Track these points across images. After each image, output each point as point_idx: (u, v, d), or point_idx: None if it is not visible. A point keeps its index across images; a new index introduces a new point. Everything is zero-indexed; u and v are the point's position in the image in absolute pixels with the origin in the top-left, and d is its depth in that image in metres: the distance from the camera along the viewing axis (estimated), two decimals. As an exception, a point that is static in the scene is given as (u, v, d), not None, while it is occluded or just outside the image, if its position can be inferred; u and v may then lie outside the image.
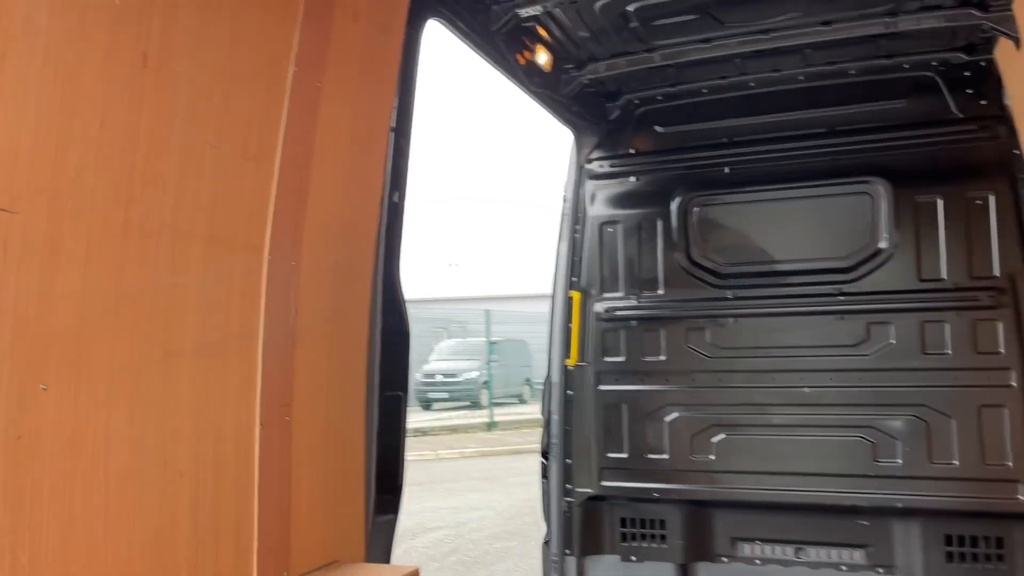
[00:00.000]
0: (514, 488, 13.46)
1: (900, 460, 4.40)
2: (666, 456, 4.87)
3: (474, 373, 28.23)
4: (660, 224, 5.02)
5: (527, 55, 4.21)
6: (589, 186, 5.16)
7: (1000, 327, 4.27)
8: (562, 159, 5.36)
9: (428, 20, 3.37)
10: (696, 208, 4.96)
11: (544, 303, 5.34)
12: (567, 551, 4.99)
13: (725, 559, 4.79)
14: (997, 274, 4.29)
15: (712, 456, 4.77)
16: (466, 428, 23.55)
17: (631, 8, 4.01)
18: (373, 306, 3.11)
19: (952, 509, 4.28)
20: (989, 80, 4.31)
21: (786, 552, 4.66)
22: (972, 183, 4.38)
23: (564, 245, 5.15)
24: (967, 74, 4.43)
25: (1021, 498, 4.12)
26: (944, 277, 4.41)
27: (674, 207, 4.99)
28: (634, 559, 4.94)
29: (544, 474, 5.09)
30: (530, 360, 28.34)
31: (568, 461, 5.03)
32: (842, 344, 4.58)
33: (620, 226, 5.11)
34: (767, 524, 4.71)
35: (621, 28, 4.24)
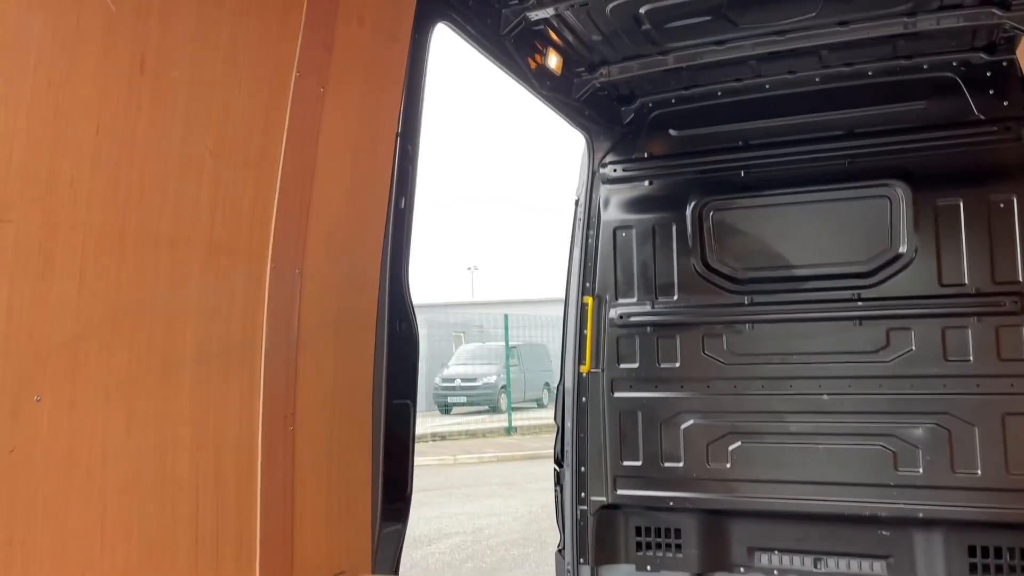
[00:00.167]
0: (532, 494, 13.41)
1: (921, 469, 4.31)
2: (681, 464, 4.80)
3: (493, 377, 28.24)
4: (675, 229, 4.95)
5: (538, 59, 4.16)
6: (603, 191, 5.10)
7: None
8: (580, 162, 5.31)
9: (436, 24, 3.33)
10: (711, 212, 4.89)
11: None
12: (581, 560, 4.93)
13: (742, 569, 4.71)
14: (1021, 279, 4.20)
15: (728, 464, 4.70)
16: (485, 433, 23.51)
17: (643, 10, 3.95)
18: (380, 313, 3.07)
19: (975, 519, 4.19)
20: (1011, 80, 4.23)
21: (805, 563, 4.58)
22: (994, 186, 4.30)
23: (577, 250, 5.09)
24: (988, 74, 4.34)
25: None
26: (966, 282, 4.33)
27: (689, 211, 4.92)
28: (649, 568, 4.87)
29: (557, 482, 5.04)
30: (549, 364, 28.26)
31: (582, 469, 4.97)
32: (861, 351, 4.50)
33: (634, 231, 5.04)
34: (785, 534, 4.63)
35: (633, 31, 4.18)
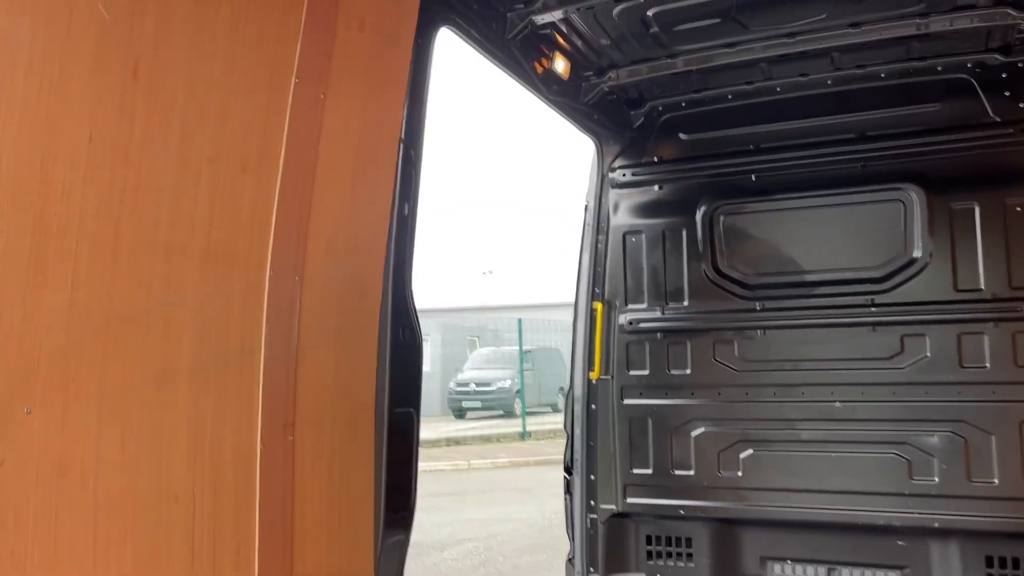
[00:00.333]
0: (546, 499, 13.32)
1: (937, 478, 4.24)
2: (692, 472, 4.74)
3: (507, 382, 28.17)
4: (685, 234, 4.90)
5: (544, 63, 4.12)
6: (612, 195, 5.06)
7: None
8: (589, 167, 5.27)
9: (439, 29, 3.29)
10: (722, 217, 4.84)
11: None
12: (591, 569, 4.88)
13: None
14: None
15: (740, 472, 4.64)
16: (499, 438, 23.46)
17: (651, 13, 3.90)
18: (383, 320, 3.03)
19: (992, 530, 4.12)
20: (1028, 82, 4.15)
21: (818, 573, 4.50)
22: (1011, 189, 4.22)
23: (587, 256, 5.05)
24: (1004, 76, 4.27)
25: None
26: (982, 287, 4.25)
27: (699, 216, 4.86)
28: None
29: (567, 490, 4.99)
30: (564, 369, 28.06)
31: (592, 477, 4.92)
32: (875, 357, 4.43)
33: (644, 236, 4.99)
34: (798, 543, 4.56)
35: (641, 34, 4.14)
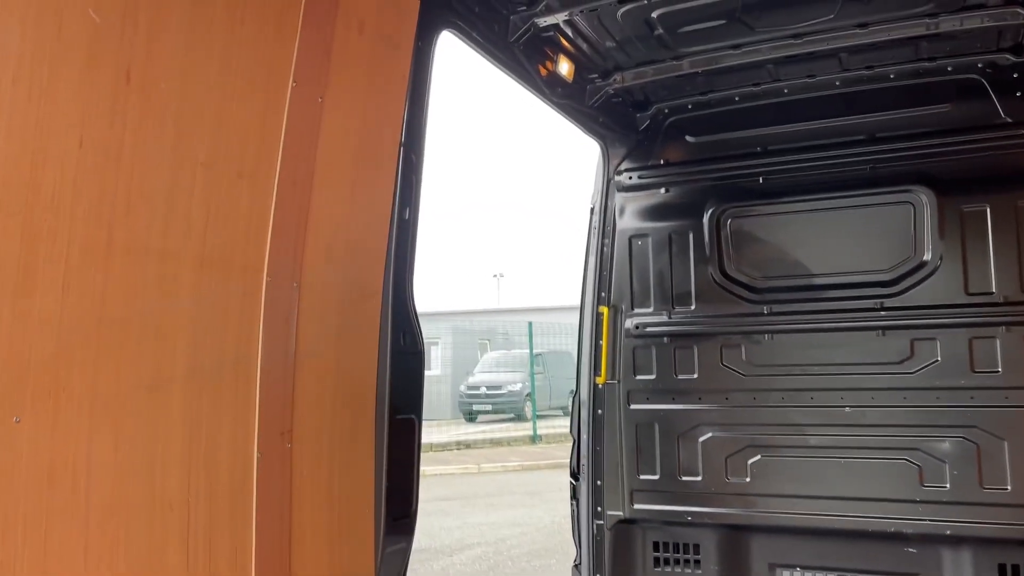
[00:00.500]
0: (556, 503, 13.27)
1: (948, 484, 4.18)
2: (700, 478, 4.70)
3: (518, 385, 28.14)
4: (692, 237, 4.85)
5: (549, 65, 4.08)
6: (618, 198, 5.01)
7: None
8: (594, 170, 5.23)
9: (441, 32, 3.27)
10: (729, 220, 4.79)
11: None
12: (598, 575, 4.83)
13: None
14: None
15: (748, 478, 4.58)
16: (509, 441, 23.43)
17: (655, 15, 3.87)
18: (384, 325, 3.00)
19: (1005, 537, 4.05)
20: (1040, 82, 4.10)
21: (828, 580, 4.45)
22: (1022, 191, 4.16)
23: (592, 259, 5.01)
24: (1015, 76, 4.21)
25: None
26: (993, 290, 4.20)
27: (706, 219, 4.82)
28: None
29: (574, 495, 4.95)
30: (575, 372, 28.07)
31: (598, 483, 4.88)
32: (884, 361, 4.37)
33: (650, 239, 4.95)
34: (807, 550, 4.50)
35: (646, 36, 4.10)
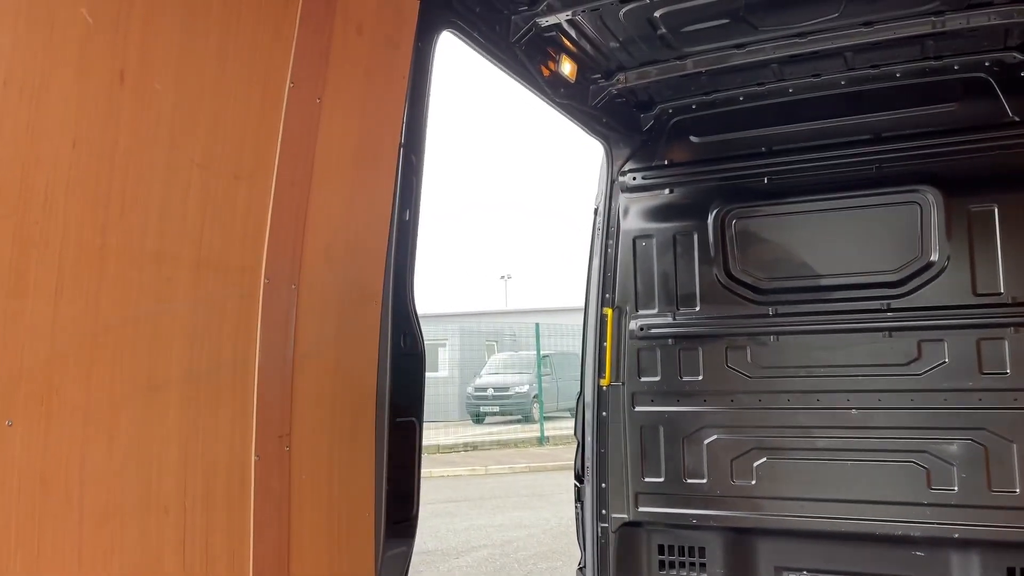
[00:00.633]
0: (563, 505, 13.23)
1: (956, 487, 4.13)
2: (705, 481, 4.66)
3: (526, 387, 28.10)
4: (696, 238, 4.82)
5: (551, 66, 4.06)
6: (622, 199, 4.99)
7: None
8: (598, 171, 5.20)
9: (441, 32, 3.25)
10: (734, 221, 4.76)
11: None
12: (603, 579, 4.80)
13: None
14: None
15: (753, 481, 4.55)
16: (516, 443, 23.38)
17: (658, 14, 3.84)
18: (384, 327, 2.98)
19: (1014, 540, 4.00)
20: (1047, 81, 4.05)
21: (835, 583, 4.41)
22: None
23: (596, 261, 4.98)
24: (1023, 75, 4.16)
25: None
26: (1001, 291, 4.15)
27: (711, 220, 4.79)
28: None
29: (578, 498, 4.92)
30: (582, 374, 27.99)
31: (603, 485, 4.85)
32: (891, 363, 4.33)
33: (655, 240, 4.92)
34: (814, 553, 4.46)
35: (649, 35, 4.07)
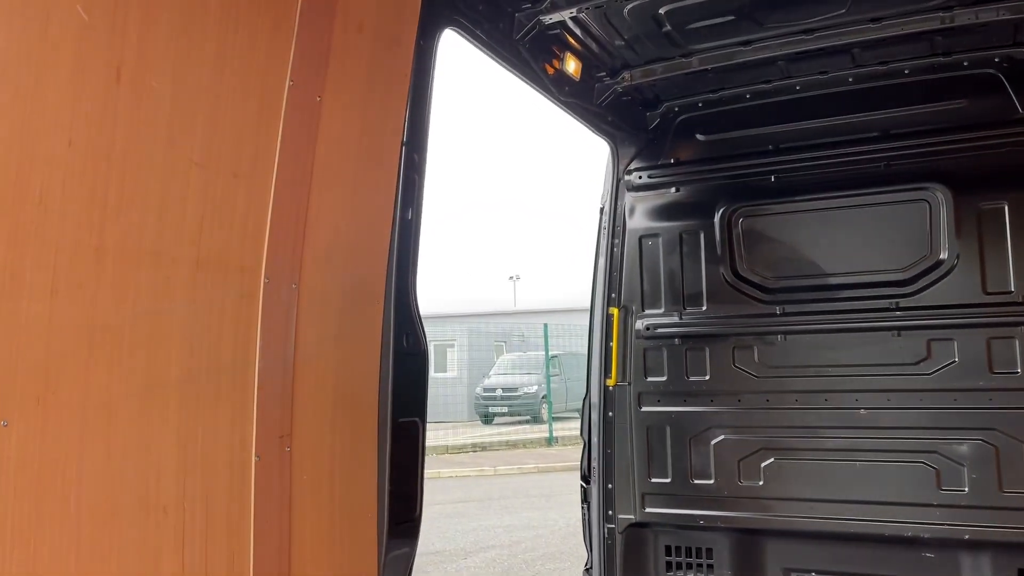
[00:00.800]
0: (571, 506, 13.10)
1: (967, 488, 4.09)
2: (712, 481, 4.62)
3: (534, 387, 28.07)
4: (703, 236, 4.78)
5: (555, 64, 4.03)
6: (628, 198, 4.96)
7: None
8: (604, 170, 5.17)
9: (443, 30, 3.23)
10: (741, 219, 4.72)
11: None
12: (609, 580, 4.77)
13: None
14: None
15: (761, 481, 4.51)
16: (525, 443, 23.35)
17: (663, 11, 3.82)
18: (386, 327, 2.96)
19: None
20: (1058, 76, 4.01)
21: (844, 585, 4.37)
22: None
23: (602, 260, 4.95)
24: None
25: None
26: (1012, 289, 4.11)
27: (718, 218, 4.75)
28: None
29: (584, 499, 4.90)
30: (591, 374, 27.92)
31: (609, 486, 4.82)
32: (900, 362, 4.29)
33: (661, 239, 4.88)
34: (822, 554, 4.42)
35: (654, 33, 4.04)
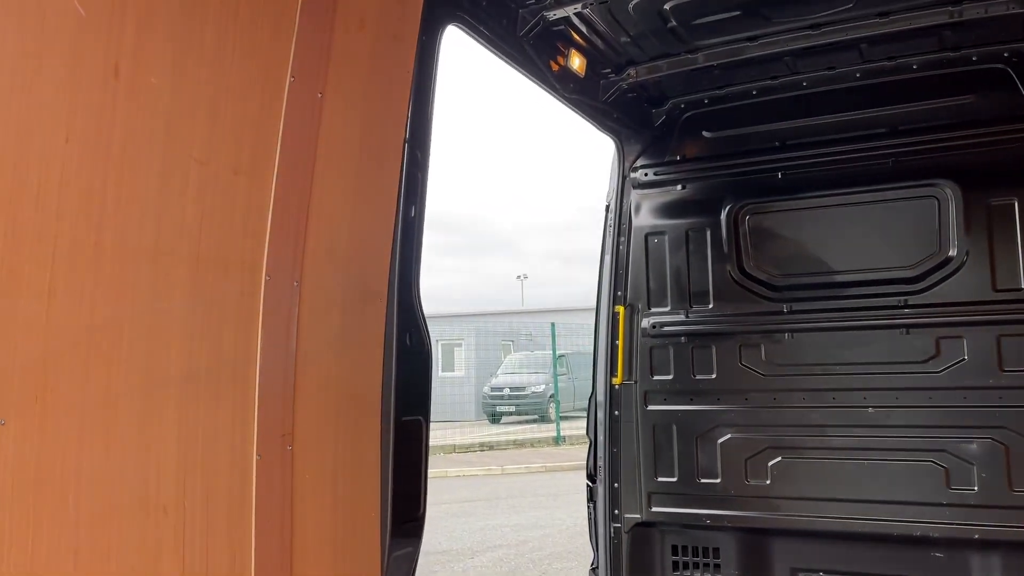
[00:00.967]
0: (579, 506, 12.99)
1: (976, 487, 4.05)
2: (719, 480, 4.59)
3: (542, 386, 28.06)
4: (709, 234, 4.75)
5: (560, 60, 4.00)
6: (634, 196, 4.93)
7: None
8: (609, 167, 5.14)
9: (446, 27, 3.20)
10: (748, 216, 4.69)
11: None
12: (615, 580, 4.75)
13: None
14: None
15: (768, 481, 4.48)
16: (533, 442, 23.34)
17: (668, 7, 3.78)
18: (389, 325, 2.94)
19: None
20: (1068, 71, 3.96)
21: (852, 585, 4.33)
22: None
23: (608, 258, 4.92)
24: None
25: None
26: (1022, 287, 4.06)
27: (724, 216, 4.72)
28: None
29: (590, 498, 4.87)
30: (598, 373, 27.90)
31: (615, 485, 4.79)
32: (909, 360, 4.25)
33: (667, 237, 4.85)
34: (830, 554, 4.39)
35: (660, 29, 4.01)
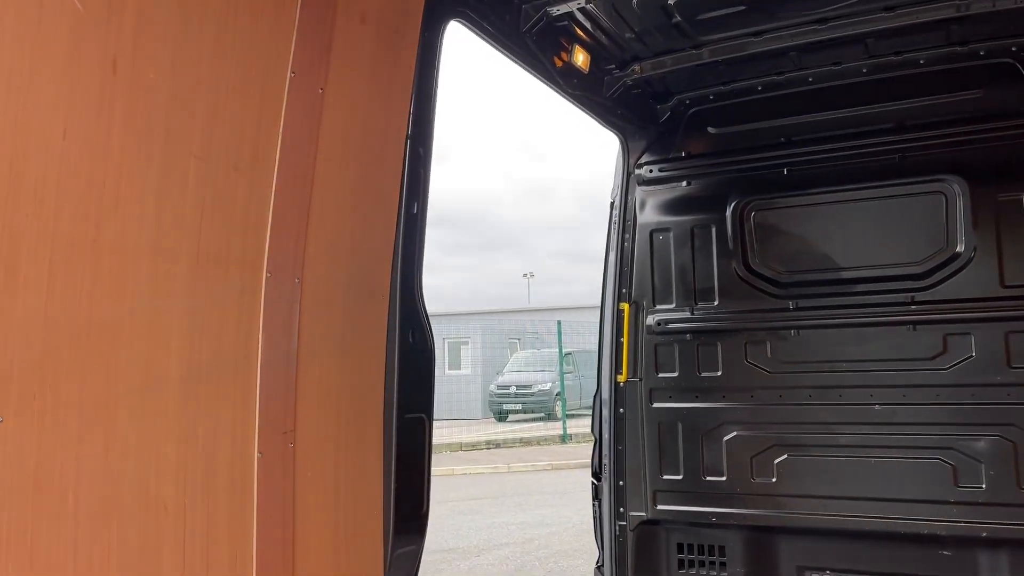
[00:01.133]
0: (585, 503, 12.99)
1: (984, 485, 4.02)
2: (724, 478, 4.57)
3: (548, 384, 28.05)
4: (715, 230, 4.73)
5: (563, 56, 3.98)
6: (638, 192, 4.90)
7: None
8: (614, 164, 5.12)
9: (448, 22, 3.19)
10: (753, 213, 4.66)
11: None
12: (621, 578, 4.73)
13: None
14: None
15: (774, 478, 4.45)
16: (539, 440, 23.34)
17: (672, 2, 3.76)
18: (391, 323, 2.93)
19: None
20: (1077, 65, 3.93)
21: (859, 583, 4.30)
22: None
23: (613, 255, 4.90)
24: None
25: None
26: None
27: (729, 212, 4.69)
28: None
29: (596, 496, 4.86)
30: (605, 371, 27.87)
31: (620, 483, 4.78)
32: (916, 357, 4.22)
33: (672, 234, 4.83)
34: (836, 552, 4.36)
35: (664, 24, 3.99)
